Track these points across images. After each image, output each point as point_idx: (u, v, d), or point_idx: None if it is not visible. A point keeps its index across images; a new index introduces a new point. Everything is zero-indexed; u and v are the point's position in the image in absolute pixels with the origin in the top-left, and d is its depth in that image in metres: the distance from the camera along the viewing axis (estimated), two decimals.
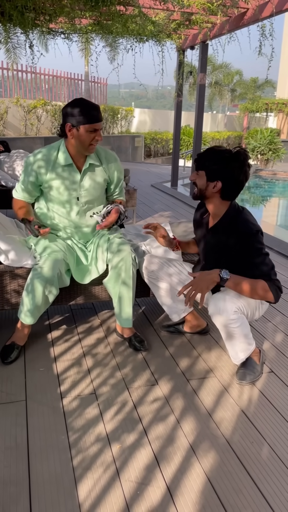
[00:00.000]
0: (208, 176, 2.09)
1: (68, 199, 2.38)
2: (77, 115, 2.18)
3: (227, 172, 2.06)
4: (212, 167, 2.07)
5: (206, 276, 2.05)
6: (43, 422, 1.85)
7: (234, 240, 2.09)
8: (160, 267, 2.44)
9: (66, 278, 2.35)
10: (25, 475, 1.58)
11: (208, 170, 2.09)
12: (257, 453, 1.73)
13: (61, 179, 2.34)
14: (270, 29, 5.26)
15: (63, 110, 2.23)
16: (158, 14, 6.01)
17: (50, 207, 2.43)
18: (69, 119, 2.20)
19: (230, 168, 2.05)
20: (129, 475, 1.60)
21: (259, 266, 2.07)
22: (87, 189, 2.40)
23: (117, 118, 14.32)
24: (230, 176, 2.07)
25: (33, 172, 2.33)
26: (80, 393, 2.05)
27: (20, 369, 2.22)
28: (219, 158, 2.06)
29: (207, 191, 2.13)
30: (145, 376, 2.21)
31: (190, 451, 1.72)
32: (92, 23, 6.02)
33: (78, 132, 2.21)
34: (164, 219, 5.66)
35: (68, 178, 2.35)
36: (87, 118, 2.18)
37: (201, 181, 2.12)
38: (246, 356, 2.18)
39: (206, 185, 2.11)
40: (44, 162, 2.32)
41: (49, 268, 2.23)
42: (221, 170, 2.06)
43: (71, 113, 2.19)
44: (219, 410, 1.97)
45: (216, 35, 6.25)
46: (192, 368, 2.30)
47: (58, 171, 2.33)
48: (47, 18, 5.15)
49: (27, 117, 11.43)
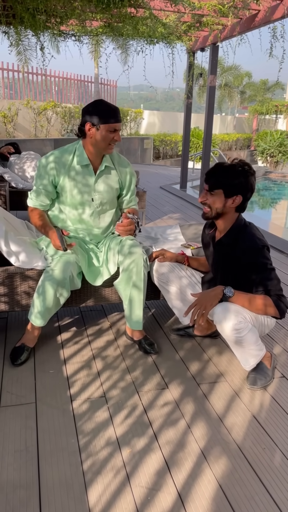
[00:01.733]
0: (227, 193, 2.08)
1: (82, 200, 2.38)
2: (97, 114, 2.21)
3: (247, 185, 2.07)
4: (232, 183, 2.06)
5: (210, 293, 2.07)
6: (53, 425, 1.84)
7: (240, 254, 2.08)
8: (170, 270, 2.42)
9: (78, 281, 2.34)
10: (35, 478, 1.57)
11: (227, 187, 2.07)
12: (269, 459, 1.70)
13: (76, 180, 2.35)
14: (282, 31, 5.23)
15: (83, 110, 2.27)
16: (168, 16, 6.00)
17: (62, 208, 2.42)
18: (89, 118, 2.23)
19: (250, 180, 2.07)
20: (139, 480, 1.58)
21: (264, 282, 2.06)
22: (101, 191, 2.41)
23: (126, 120, 14.34)
24: (250, 189, 2.09)
25: (47, 175, 2.33)
26: (90, 396, 2.04)
27: (30, 371, 2.22)
28: (236, 173, 2.06)
29: (225, 208, 2.11)
30: (155, 380, 2.19)
31: (201, 456, 1.70)
32: (103, 25, 6.03)
33: (98, 131, 2.23)
34: (173, 221, 5.64)
35: (83, 179, 2.36)
36: (108, 118, 2.21)
37: (217, 200, 2.10)
38: (256, 362, 2.15)
39: (224, 202, 2.09)
40: (58, 163, 2.33)
41: (61, 270, 2.22)
42: (242, 184, 2.06)
43: (91, 112, 2.22)
44: (230, 415, 1.95)
45: (227, 37, 6.23)
46: (203, 372, 2.28)
47: (73, 172, 2.35)
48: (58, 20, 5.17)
49: (37, 119, 11.49)
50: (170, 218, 5.84)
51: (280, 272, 3.79)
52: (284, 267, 3.95)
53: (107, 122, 2.21)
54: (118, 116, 2.25)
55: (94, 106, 2.22)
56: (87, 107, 2.24)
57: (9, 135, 10.79)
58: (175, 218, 5.83)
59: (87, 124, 2.24)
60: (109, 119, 2.21)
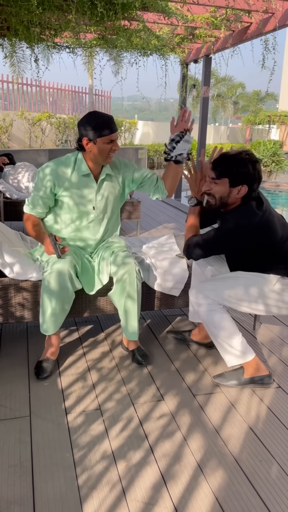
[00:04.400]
0: (232, 182, 2.02)
1: (82, 210, 2.38)
2: (92, 129, 2.22)
3: (254, 175, 2.01)
4: (238, 171, 2.00)
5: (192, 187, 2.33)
6: (48, 438, 1.82)
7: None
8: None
9: (78, 281, 2.35)
10: (29, 494, 1.55)
11: (233, 175, 2.01)
12: (266, 472, 1.69)
13: (76, 191, 2.35)
14: (273, 43, 5.30)
15: (79, 124, 2.28)
16: (162, 29, 6.07)
17: (59, 217, 2.42)
18: (85, 133, 2.24)
19: (257, 169, 2.02)
20: (135, 495, 1.56)
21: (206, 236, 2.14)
22: (103, 198, 2.42)
23: (120, 130, 14.42)
24: (257, 178, 2.03)
25: (47, 184, 2.33)
26: (85, 409, 2.02)
27: (24, 384, 2.20)
28: (243, 161, 2.00)
29: (229, 198, 2.07)
30: (150, 392, 2.17)
31: (197, 469, 1.69)
32: (97, 38, 6.08)
33: (95, 145, 2.25)
34: (168, 230, 5.65)
35: (85, 188, 2.37)
36: (102, 130, 2.21)
37: (222, 189, 2.05)
38: (233, 363, 2.18)
39: (229, 191, 2.05)
40: (57, 175, 2.33)
41: (55, 282, 2.22)
42: (248, 174, 2.00)
43: (86, 127, 2.23)
44: (226, 426, 1.94)
45: (220, 49, 6.30)
46: (199, 383, 2.26)
47: (73, 183, 2.34)
48: (52, 32, 5.21)
49: (31, 129, 11.52)
50: (165, 228, 5.85)
51: None
52: None
53: (102, 135, 2.22)
54: (113, 126, 2.25)
55: (88, 121, 2.23)
56: (82, 122, 2.25)
57: (4, 146, 10.82)
58: (170, 228, 5.84)
59: (84, 140, 2.25)
60: (104, 131, 2.22)
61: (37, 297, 2.41)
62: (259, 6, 4.67)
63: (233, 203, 2.09)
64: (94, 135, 2.22)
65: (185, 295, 2.65)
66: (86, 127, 2.23)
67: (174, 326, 2.62)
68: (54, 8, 3.93)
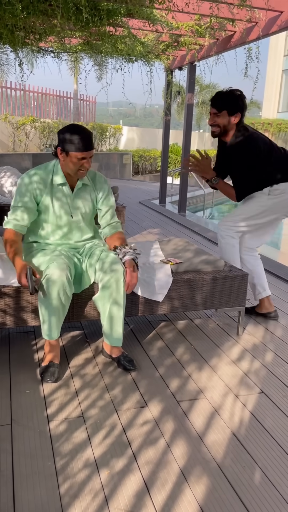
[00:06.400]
0: (230, 112, 2.77)
1: (62, 217, 2.41)
2: (68, 141, 2.25)
3: (244, 105, 2.80)
4: (235, 105, 2.76)
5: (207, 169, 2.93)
6: (29, 447, 1.79)
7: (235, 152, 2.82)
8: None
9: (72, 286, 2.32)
10: (9, 503, 1.51)
11: (230, 107, 2.76)
12: (249, 478, 1.69)
13: (56, 198, 2.39)
14: (256, 52, 5.38)
15: (59, 133, 2.31)
16: (147, 36, 6.10)
17: (45, 225, 2.44)
18: (61, 143, 2.28)
19: (244, 102, 2.80)
20: (118, 503, 1.54)
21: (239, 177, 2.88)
22: (79, 208, 2.46)
23: (105, 135, 14.43)
24: (245, 108, 2.82)
25: (28, 193, 2.32)
26: (68, 416, 2.00)
27: (5, 392, 2.16)
28: (235, 96, 2.76)
29: (229, 125, 2.81)
30: (134, 398, 2.16)
31: (181, 476, 1.68)
32: (82, 43, 6.09)
33: (68, 157, 2.28)
34: (152, 236, 5.66)
35: (63, 196, 2.40)
36: (76, 146, 2.24)
37: (223, 119, 2.80)
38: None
39: (229, 119, 2.79)
40: (40, 182, 2.36)
41: (56, 288, 2.19)
42: (240, 104, 2.77)
43: (63, 138, 2.27)
44: (210, 433, 1.93)
45: (204, 57, 6.36)
46: (182, 389, 2.26)
47: (53, 191, 2.38)
48: (37, 37, 5.20)
49: (15, 133, 11.45)
50: (150, 233, 5.86)
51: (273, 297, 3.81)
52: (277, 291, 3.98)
53: (76, 150, 2.24)
54: (89, 145, 2.26)
55: (66, 132, 2.26)
56: (62, 131, 2.29)
57: None
58: (155, 233, 5.84)
59: (58, 149, 2.30)
60: (78, 148, 2.24)
61: (19, 303, 2.38)
62: (243, 15, 4.73)
63: (231, 129, 2.84)
64: (68, 147, 2.25)
65: (169, 300, 2.65)
66: (63, 138, 2.27)
67: (153, 339, 2.58)
68: (39, 13, 3.93)
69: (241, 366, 2.51)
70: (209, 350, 2.69)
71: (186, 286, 2.67)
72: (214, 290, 2.73)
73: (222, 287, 2.75)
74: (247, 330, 2.98)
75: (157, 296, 2.60)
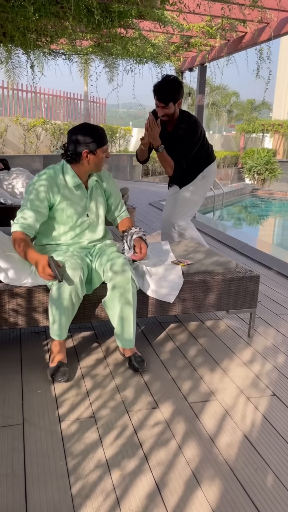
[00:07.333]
0: (175, 101, 3.13)
1: (77, 218, 2.45)
2: (91, 141, 2.32)
3: (182, 88, 3.18)
4: (178, 94, 3.12)
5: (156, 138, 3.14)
6: (41, 447, 1.80)
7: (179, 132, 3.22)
8: None
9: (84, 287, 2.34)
10: (22, 503, 1.52)
11: (175, 98, 3.10)
12: (262, 480, 1.68)
13: (71, 199, 2.42)
14: (268, 53, 5.36)
15: (73, 138, 2.33)
16: (157, 37, 6.12)
17: (56, 227, 2.46)
18: (84, 146, 2.32)
19: (181, 84, 3.19)
20: (129, 504, 1.54)
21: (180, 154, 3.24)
22: (95, 207, 2.53)
23: (115, 137, 14.46)
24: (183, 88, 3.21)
25: (38, 195, 2.33)
26: (79, 417, 2.00)
27: (17, 391, 2.17)
28: (176, 85, 3.11)
29: (175, 112, 3.18)
30: (145, 399, 2.16)
31: (192, 478, 1.67)
32: (93, 45, 6.12)
33: (95, 156, 2.35)
34: None
35: (78, 198, 2.44)
36: (100, 140, 2.35)
37: (171, 110, 3.15)
38: None
39: (175, 108, 3.15)
40: (52, 183, 2.38)
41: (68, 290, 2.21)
42: (181, 91, 3.15)
43: (84, 140, 2.32)
44: (221, 435, 1.92)
45: (215, 58, 6.36)
46: (194, 390, 2.25)
47: (66, 192, 2.41)
48: (48, 39, 5.23)
49: (26, 135, 11.53)
50: (160, 234, 5.85)
51: (267, 289, 3.80)
52: (272, 283, 3.97)
53: (102, 144, 2.35)
54: (105, 134, 2.41)
55: (83, 134, 2.31)
56: (77, 136, 2.31)
57: None
58: None
59: (84, 153, 2.33)
60: (102, 141, 2.36)
61: (32, 303, 2.40)
62: (254, 16, 4.72)
63: (176, 113, 3.20)
64: (96, 146, 2.32)
65: (180, 302, 2.65)
66: (83, 141, 2.30)
67: (164, 340, 2.59)
68: (51, 15, 3.95)
69: (253, 368, 2.50)
70: (220, 351, 2.68)
71: (197, 287, 2.66)
72: (225, 291, 2.72)
73: (233, 288, 2.74)
74: (258, 331, 2.97)
75: (168, 297, 2.60)
